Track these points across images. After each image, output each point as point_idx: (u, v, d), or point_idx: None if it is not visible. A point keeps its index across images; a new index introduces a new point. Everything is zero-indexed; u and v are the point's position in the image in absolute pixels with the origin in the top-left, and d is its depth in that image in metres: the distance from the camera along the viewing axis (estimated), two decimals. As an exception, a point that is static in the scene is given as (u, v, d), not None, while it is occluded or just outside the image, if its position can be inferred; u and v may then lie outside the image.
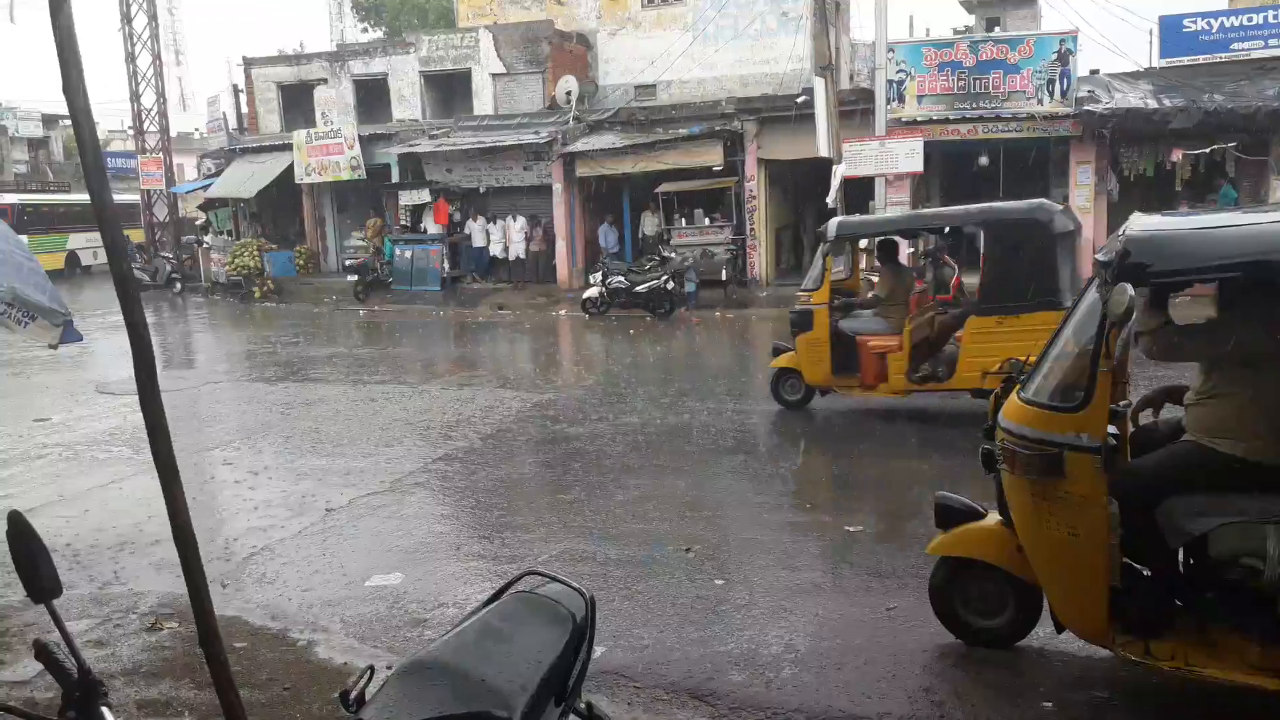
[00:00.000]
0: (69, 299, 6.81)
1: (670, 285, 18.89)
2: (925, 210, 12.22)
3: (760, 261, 21.93)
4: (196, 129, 44.95)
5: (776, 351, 10.39)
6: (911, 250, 14.81)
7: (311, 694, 4.45)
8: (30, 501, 7.69)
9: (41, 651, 2.06)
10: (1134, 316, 3.70)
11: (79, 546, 6.69)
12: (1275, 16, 18.77)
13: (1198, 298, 5.69)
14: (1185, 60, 19.24)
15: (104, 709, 2.03)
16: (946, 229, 10.98)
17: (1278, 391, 3.87)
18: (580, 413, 10.60)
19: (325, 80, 27.01)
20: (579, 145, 22.32)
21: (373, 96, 26.77)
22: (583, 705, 2.79)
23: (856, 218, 12.44)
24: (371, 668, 2.54)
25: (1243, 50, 18.94)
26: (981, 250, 9.86)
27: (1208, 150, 17.73)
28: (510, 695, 2.39)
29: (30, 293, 5.36)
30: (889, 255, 10.50)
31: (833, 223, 9.98)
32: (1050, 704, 4.14)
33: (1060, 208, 9.27)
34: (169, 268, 27.91)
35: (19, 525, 2.07)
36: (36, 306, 5.39)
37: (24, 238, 30.24)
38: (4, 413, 11.65)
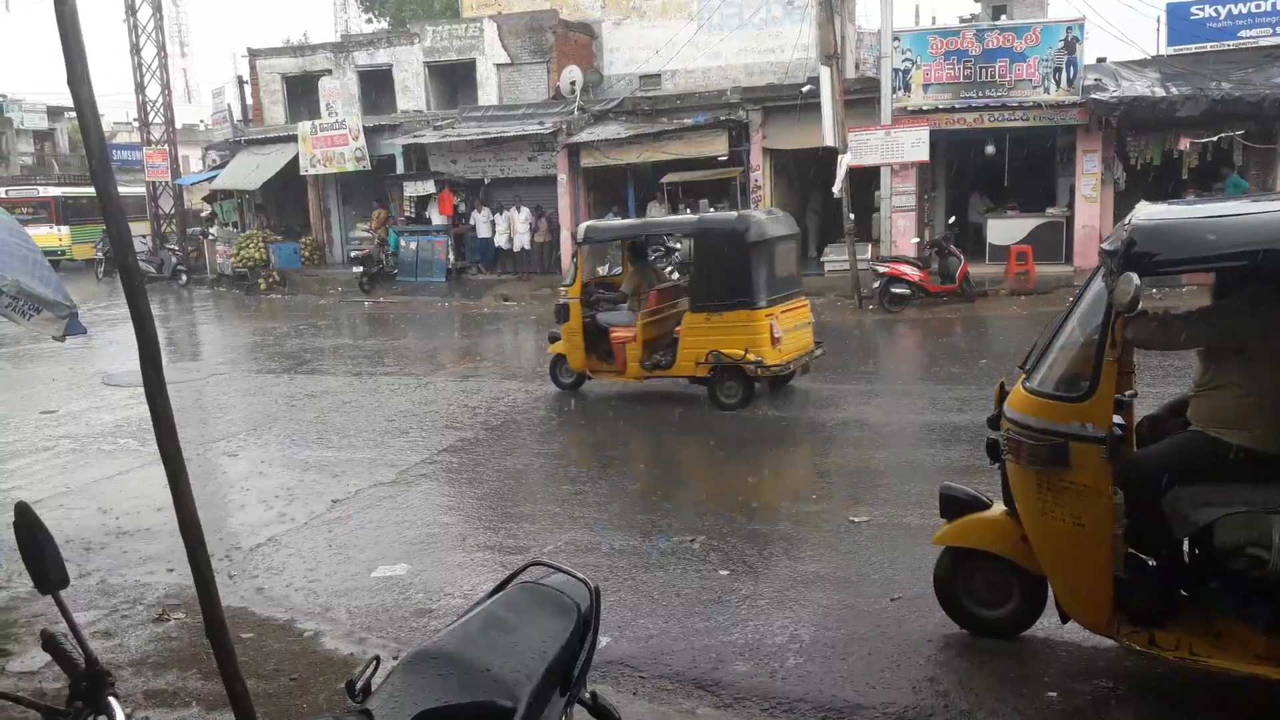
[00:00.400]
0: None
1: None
2: (651, 219, 14.07)
3: (765, 251, 21.89)
4: (201, 120, 44.92)
5: (553, 339, 11.27)
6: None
7: (318, 684, 4.47)
8: (38, 493, 7.73)
9: (49, 642, 2.08)
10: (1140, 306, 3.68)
11: (86, 538, 6.72)
12: (1283, 4, 18.67)
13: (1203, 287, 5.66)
14: (1193, 48, 19.13)
15: (111, 699, 2.04)
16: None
17: (1276, 382, 3.87)
18: (585, 404, 10.60)
19: (330, 71, 26.98)
20: (583, 135, 22.28)
21: (377, 87, 26.73)
22: (587, 695, 2.80)
23: (602, 223, 14.41)
24: (377, 658, 2.55)
25: (1250, 38, 18.83)
26: (692, 255, 11.02)
27: (1215, 139, 17.65)
28: (515, 685, 2.40)
29: (35, 285, 5.38)
30: (637, 255, 11.68)
31: (582, 228, 11.28)
32: (1055, 694, 4.15)
33: (763, 218, 10.34)
34: (175, 260, 27.96)
35: (26, 516, 2.08)
36: (41, 299, 5.41)
37: (65, 228, 31.35)
38: (11, 405, 11.69)
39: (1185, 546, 4.08)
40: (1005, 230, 19.85)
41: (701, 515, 6.77)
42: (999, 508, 4.63)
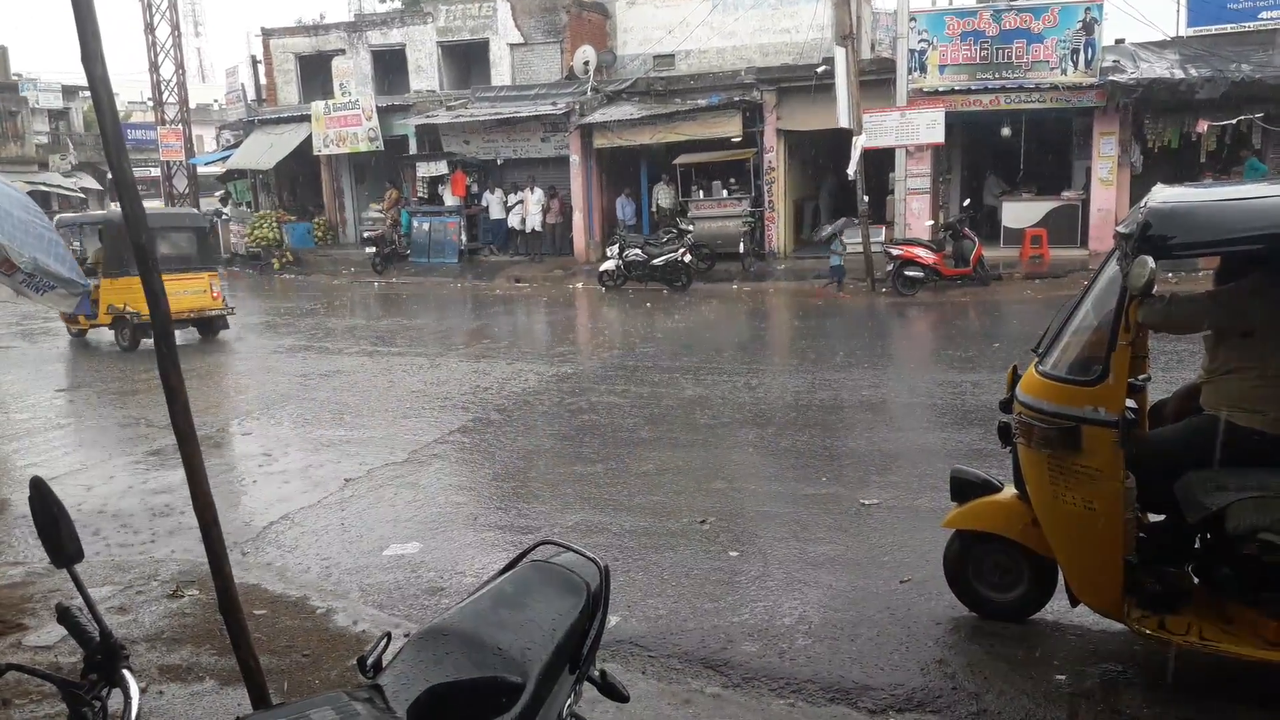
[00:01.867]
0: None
1: (687, 258, 18.82)
2: (111, 215, 17.24)
3: (779, 233, 21.84)
4: (215, 100, 45.01)
5: None
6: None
7: (330, 660, 4.50)
8: (53, 470, 7.80)
9: (64, 616, 2.09)
10: (1155, 290, 3.66)
11: (100, 513, 6.78)
12: (1305, -15, 18.43)
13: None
14: (1213, 29, 18.93)
15: (125, 672, 2.06)
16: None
17: None
18: (596, 385, 10.62)
19: (343, 51, 26.95)
20: (596, 116, 22.21)
21: (390, 67, 26.70)
22: (597, 673, 2.81)
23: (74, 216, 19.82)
24: (389, 634, 2.57)
25: (1271, 19, 18.62)
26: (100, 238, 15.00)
27: (1234, 121, 17.47)
28: (524, 662, 2.41)
29: (51, 263, 5.41)
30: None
31: (109, 215, 15.45)
32: (1064, 677, 4.15)
33: (198, 213, 15.05)
34: (188, 239, 28.02)
35: (41, 490, 2.10)
36: (56, 276, 5.44)
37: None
38: (26, 382, 11.79)
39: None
40: (1020, 213, 19.74)
41: (710, 495, 6.79)
42: (1010, 491, 4.62)
